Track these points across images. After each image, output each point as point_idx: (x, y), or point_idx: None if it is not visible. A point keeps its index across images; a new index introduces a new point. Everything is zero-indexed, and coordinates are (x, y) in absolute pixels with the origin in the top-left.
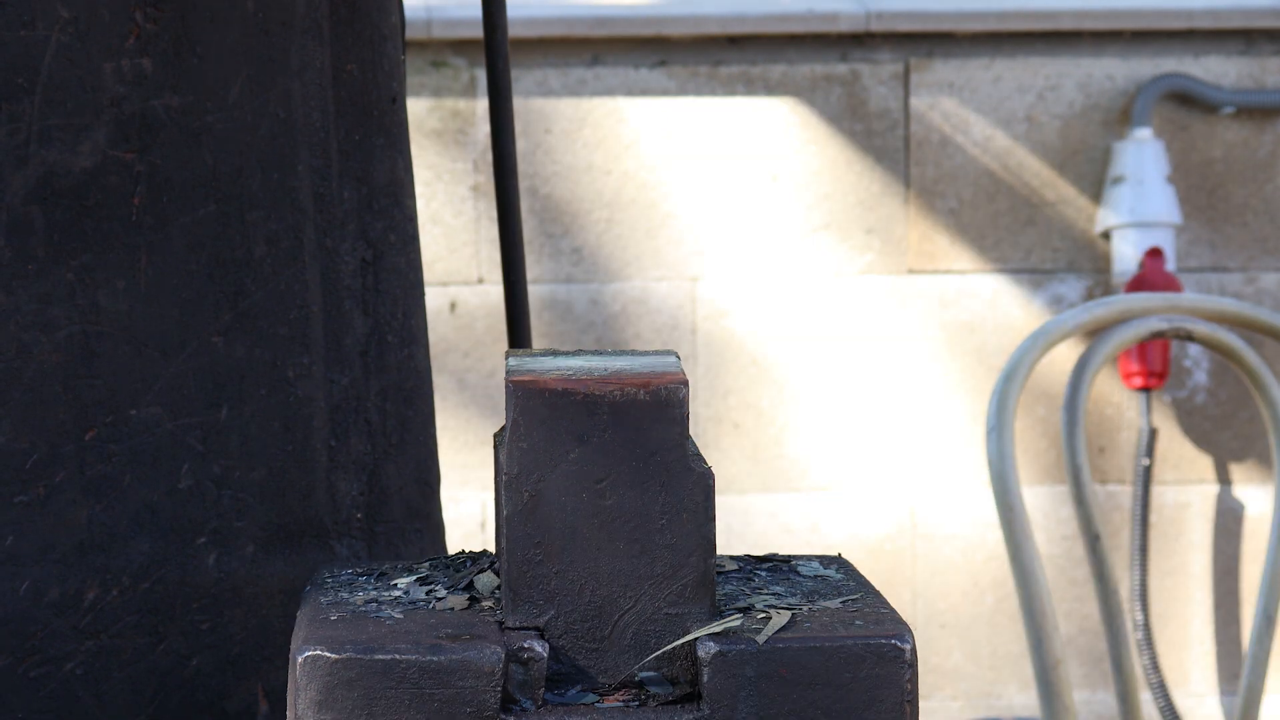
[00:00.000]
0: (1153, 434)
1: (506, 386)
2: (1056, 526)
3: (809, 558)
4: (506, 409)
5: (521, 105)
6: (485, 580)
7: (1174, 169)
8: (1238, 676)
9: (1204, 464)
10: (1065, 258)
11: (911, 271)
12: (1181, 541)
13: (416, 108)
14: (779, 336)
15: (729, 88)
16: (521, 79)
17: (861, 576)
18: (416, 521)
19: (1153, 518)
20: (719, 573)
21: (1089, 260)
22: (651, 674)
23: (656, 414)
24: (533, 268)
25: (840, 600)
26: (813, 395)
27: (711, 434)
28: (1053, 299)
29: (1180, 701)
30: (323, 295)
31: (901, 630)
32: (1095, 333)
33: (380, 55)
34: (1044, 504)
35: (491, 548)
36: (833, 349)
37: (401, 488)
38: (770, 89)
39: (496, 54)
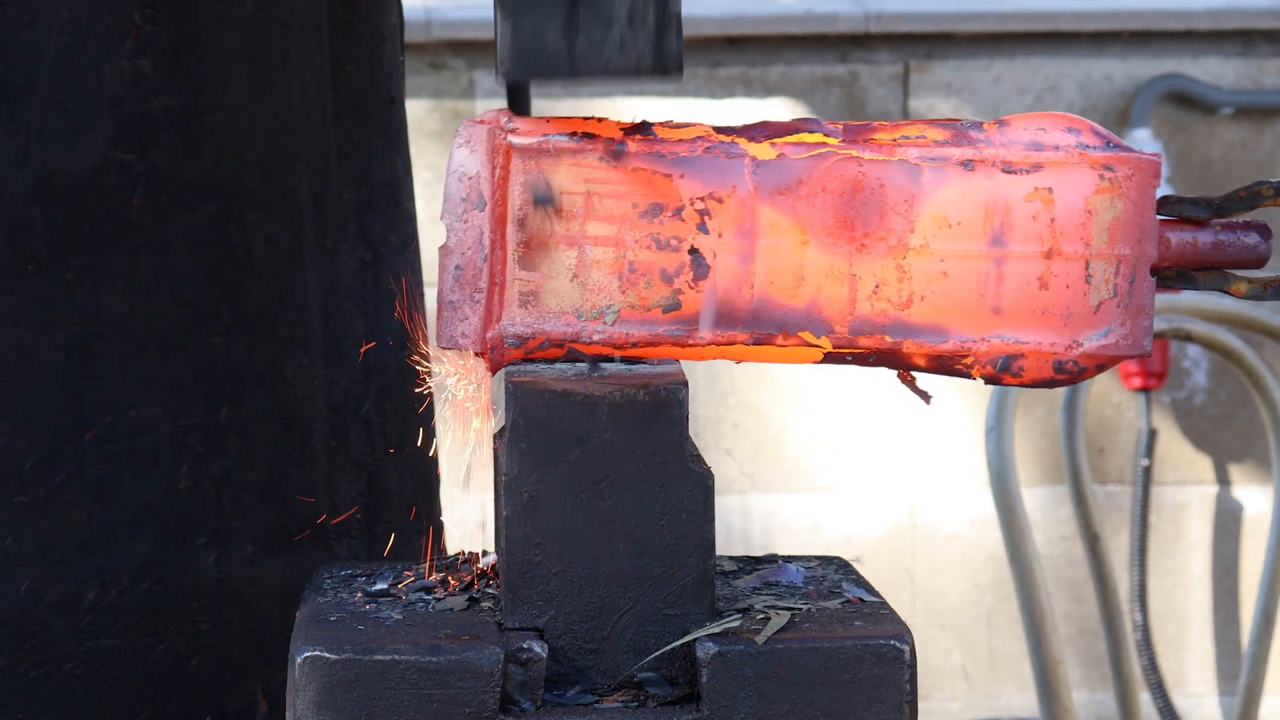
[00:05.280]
0: (1152, 434)
1: (506, 386)
2: (1056, 527)
3: (808, 558)
4: (506, 409)
5: None
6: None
7: (1173, 170)
8: (1236, 677)
9: (1203, 464)
10: None
11: None
12: (1181, 542)
13: (416, 109)
14: None
15: (728, 89)
16: None
17: (861, 577)
18: (415, 522)
19: (1152, 518)
20: (718, 573)
21: None
22: (651, 674)
23: (656, 414)
24: None
25: (839, 601)
26: (812, 396)
27: (711, 434)
28: None
29: (1179, 702)
30: (322, 295)
31: (901, 631)
32: None
33: (379, 56)
34: (1044, 504)
35: (491, 548)
36: None
37: (401, 488)
38: (769, 90)
39: None
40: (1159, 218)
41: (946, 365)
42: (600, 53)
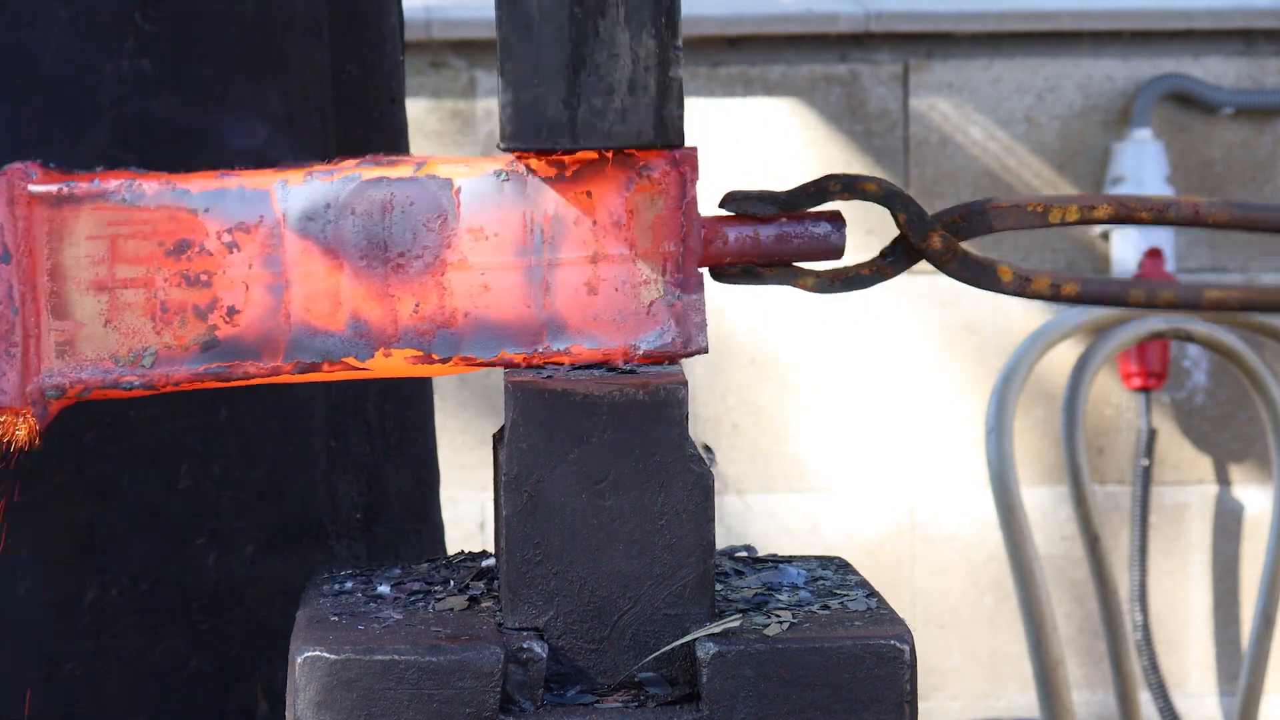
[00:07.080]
0: (1152, 434)
1: (505, 386)
2: (1056, 527)
3: (808, 558)
4: (505, 409)
5: None
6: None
7: (1173, 170)
8: (1236, 677)
9: (1203, 464)
10: (1065, 258)
11: (911, 272)
12: (1181, 542)
13: (416, 109)
14: (778, 336)
15: (728, 89)
16: None
17: (861, 577)
18: (415, 522)
19: (1152, 518)
20: (718, 573)
21: (1088, 261)
22: (651, 675)
23: (656, 414)
24: None
25: (839, 601)
26: (812, 395)
27: (711, 434)
28: None
29: (1179, 702)
30: None
31: (901, 631)
32: (1095, 333)
33: (379, 56)
34: (1044, 504)
35: (491, 548)
36: (832, 349)
37: (400, 488)
38: (769, 90)
39: None
40: (723, 213)
41: None
42: (602, 121)
